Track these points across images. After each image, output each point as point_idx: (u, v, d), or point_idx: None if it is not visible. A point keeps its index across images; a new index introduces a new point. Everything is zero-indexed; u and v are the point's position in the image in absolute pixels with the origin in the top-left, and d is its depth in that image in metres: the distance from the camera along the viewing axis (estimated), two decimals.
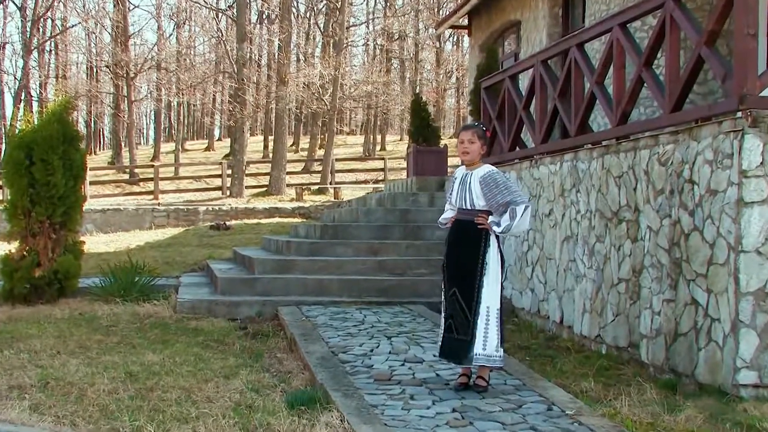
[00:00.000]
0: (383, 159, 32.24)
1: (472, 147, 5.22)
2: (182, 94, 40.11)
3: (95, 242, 16.31)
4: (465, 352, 5.07)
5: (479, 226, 5.14)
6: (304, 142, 44.20)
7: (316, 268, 9.78)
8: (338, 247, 10.42)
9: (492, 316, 5.09)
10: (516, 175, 8.86)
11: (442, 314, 5.27)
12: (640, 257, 6.10)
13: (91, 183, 26.53)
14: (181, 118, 45.29)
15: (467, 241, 5.14)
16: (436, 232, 10.53)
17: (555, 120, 8.20)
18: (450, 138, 44.46)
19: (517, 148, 9.23)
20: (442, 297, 5.26)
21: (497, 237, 5.17)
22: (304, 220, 20.38)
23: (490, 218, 5.14)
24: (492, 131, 9.64)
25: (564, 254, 7.52)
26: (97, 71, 43.31)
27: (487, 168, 5.22)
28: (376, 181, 30.38)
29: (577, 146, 7.48)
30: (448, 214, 5.35)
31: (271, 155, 31.54)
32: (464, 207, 5.20)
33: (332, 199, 25.41)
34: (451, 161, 23.95)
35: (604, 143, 7.03)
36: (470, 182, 5.19)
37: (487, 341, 5.07)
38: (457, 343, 5.12)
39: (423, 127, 16.13)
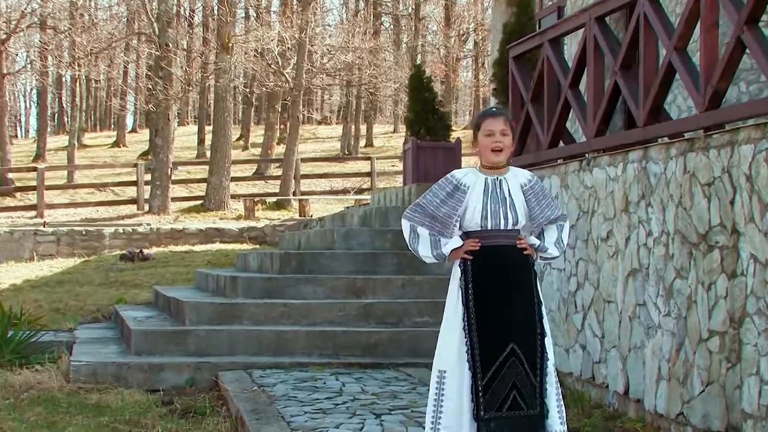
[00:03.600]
0: (369, 159, 32.44)
1: (507, 141, 5.30)
2: (79, 65, 40.05)
3: None
4: None
5: (525, 253, 5.28)
6: (257, 134, 44.35)
7: (274, 316, 9.83)
8: (305, 285, 10.47)
9: (556, 377, 5.27)
10: (559, 181, 8.87)
11: (464, 388, 5.16)
12: (741, 300, 6.10)
13: None
14: (78, 99, 45.22)
15: (518, 274, 5.25)
16: (445, 265, 10.46)
17: (615, 103, 8.23)
18: (464, 129, 44.59)
19: (561, 144, 9.25)
20: (472, 364, 5.16)
21: None
22: (257, 246, 20.44)
23: (533, 241, 5.34)
24: (524, 119, 9.67)
25: (629, 295, 7.54)
26: None
27: (524, 172, 5.39)
28: (360, 191, 30.55)
29: (647, 140, 7.50)
30: (455, 242, 5.29)
31: (209, 154, 31.50)
32: (501, 227, 5.25)
33: (296, 216, 25.50)
34: (465, 161, 23.98)
35: (687, 136, 7.04)
36: (506, 192, 5.29)
37: (561, 414, 5.19)
38: (528, 423, 5.15)
39: (426, 114, 16.25)
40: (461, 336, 5.22)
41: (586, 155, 8.40)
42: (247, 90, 41.47)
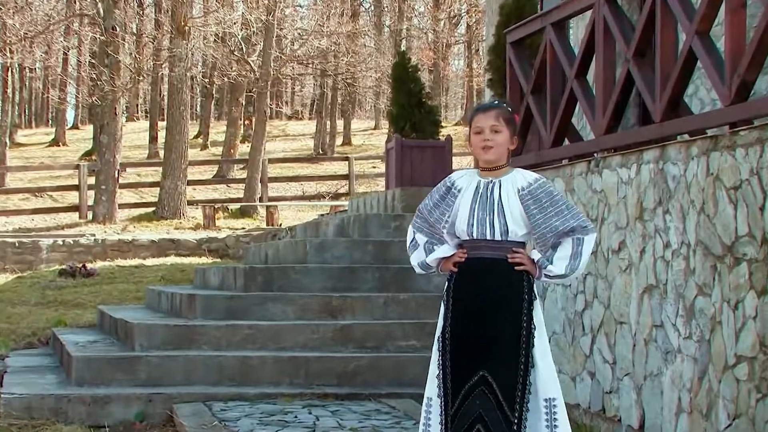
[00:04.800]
0: (347, 159, 32.47)
1: (498, 139, 5.28)
2: (10, 52, 39.79)
3: None
4: None
5: (517, 269, 5.24)
6: (218, 131, 44.33)
7: (238, 340, 9.81)
8: (273, 304, 10.46)
9: (561, 415, 5.21)
10: (563, 185, 8.85)
11: (441, 416, 5.24)
12: None
13: None
14: (9, 91, 44.98)
15: (500, 293, 5.23)
16: (434, 280, 10.54)
17: (628, 95, 8.22)
18: (456, 125, 44.68)
19: (566, 142, 9.22)
20: (443, 390, 5.27)
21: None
22: (218, 260, 20.48)
23: (534, 255, 5.26)
24: (524, 114, 9.63)
25: (644, 315, 7.53)
26: None
27: (527, 175, 5.34)
28: (336, 196, 30.59)
29: (665, 138, 7.49)
30: (442, 251, 5.39)
31: (162, 154, 31.43)
32: (488, 237, 5.26)
33: (263, 225, 25.48)
34: (457, 162, 23.98)
35: (710, 133, 7.04)
36: (498, 196, 5.26)
37: None
38: None
39: (412, 107, 16.24)
40: (436, 358, 5.34)
41: (595, 155, 8.38)
42: (207, 80, 41.40)
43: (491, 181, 5.28)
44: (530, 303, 5.23)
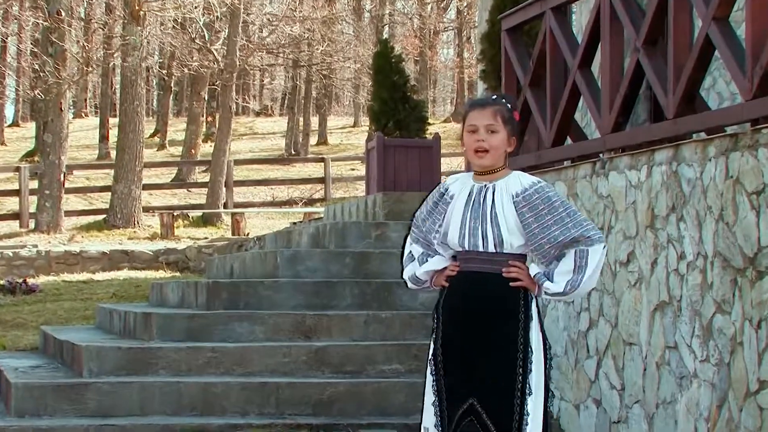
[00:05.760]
0: (323, 161, 32.46)
1: (494, 140, 5.28)
2: None
3: None
4: None
5: (512, 285, 5.24)
6: (177, 129, 44.24)
7: (200, 364, 9.75)
8: (240, 323, 10.40)
9: None
10: (565, 189, 8.87)
11: None
12: None
13: None
14: None
15: (491, 312, 5.23)
16: (419, 296, 10.57)
17: (638, 89, 8.25)
18: (445, 122, 44.66)
19: (568, 141, 9.25)
20: (430, 419, 5.31)
21: (537, 304, 5.27)
22: (177, 274, 20.45)
23: (533, 270, 5.27)
24: (521, 110, 9.47)
25: (656, 336, 7.54)
26: None
27: (524, 178, 5.33)
28: (310, 202, 30.71)
29: (679, 137, 7.51)
30: (433, 263, 5.43)
31: (114, 154, 31.36)
32: (480, 249, 5.27)
33: (228, 234, 25.47)
34: (446, 164, 23.93)
35: (729, 131, 7.06)
36: (491, 203, 5.27)
37: None
38: None
39: (395, 102, 16.28)
40: (431, 382, 5.37)
41: (601, 155, 8.41)
42: (164, 72, 41.17)
43: (485, 185, 5.30)
44: (527, 324, 5.22)
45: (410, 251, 5.54)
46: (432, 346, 5.37)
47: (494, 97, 5.47)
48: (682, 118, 7.51)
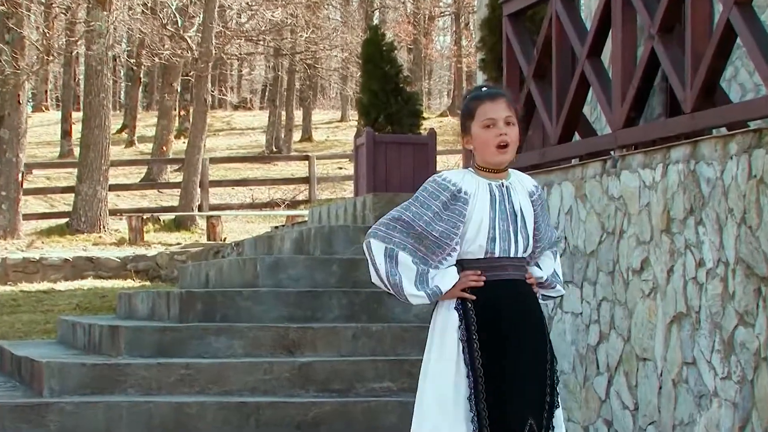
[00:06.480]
0: (307, 159, 32.84)
1: (513, 133, 5.27)
2: None
3: None
4: None
5: (536, 291, 5.41)
6: (147, 124, 44.63)
7: (172, 382, 9.67)
8: (216, 337, 10.33)
9: None
10: (573, 190, 8.91)
11: None
12: None
13: None
14: None
15: (534, 323, 5.31)
16: (413, 307, 10.54)
17: (653, 80, 8.26)
18: (441, 116, 44.95)
19: (576, 137, 9.31)
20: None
21: None
22: (147, 283, 20.72)
23: (537, 273, 5.43)
24: (524, 103, 9.70)
25: (673, 350, 7.56)
26: None
27: (523, 175, 5.48)
28: (293, 204, 30.92)
29: (697, 132, 7.53)
30: (450, 275, 5.28)
31: (77, 152, 31.33)
32: (511, 254, 5.29)
33: (203, 239, 25.71)
34: (442, 162, 24.04)
35: (752, 126, 7.11)
36: (515, 204, 5.30)
37: None
38: None
39: (387, 95, 16.35)
40: (465, 409, 5.23)
41: (612, 153, 8.45)
42: (133, 61, 41.49)
43: (502, 184, 5.31)
44: (548, 334, 5.43)
45: (393, 260, 5.28)
46: (464, 368, 5.24)
47: (497, 87, 5.57)
48: (701, 112, 7.51)
